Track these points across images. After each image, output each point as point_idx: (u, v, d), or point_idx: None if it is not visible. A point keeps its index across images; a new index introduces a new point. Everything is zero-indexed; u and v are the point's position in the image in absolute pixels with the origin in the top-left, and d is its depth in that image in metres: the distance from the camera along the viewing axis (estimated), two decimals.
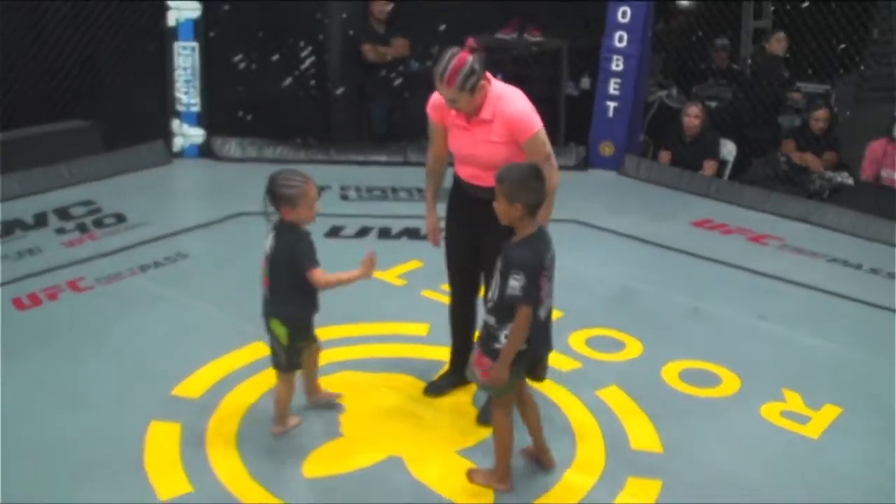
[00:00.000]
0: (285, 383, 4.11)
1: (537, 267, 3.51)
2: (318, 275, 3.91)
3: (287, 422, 4.15)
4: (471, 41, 3.92)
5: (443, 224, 4.40)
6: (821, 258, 6.81)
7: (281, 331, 3.97)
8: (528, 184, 3.50)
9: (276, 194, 3.87)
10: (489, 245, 3.94)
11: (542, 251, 3.56)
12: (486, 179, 3.86)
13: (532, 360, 3.74)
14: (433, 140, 4.30)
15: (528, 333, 3.54)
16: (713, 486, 3.94)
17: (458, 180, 4.24)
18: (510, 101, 3.97)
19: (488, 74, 3.96)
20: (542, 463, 3.99)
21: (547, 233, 3.67)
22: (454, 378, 4.56)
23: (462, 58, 3.84)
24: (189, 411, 4.26)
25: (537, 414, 3.94)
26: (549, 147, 4.01)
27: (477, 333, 3.94)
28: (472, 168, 4.09)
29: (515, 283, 3.45)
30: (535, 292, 3.51)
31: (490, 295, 3.69)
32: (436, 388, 4.56)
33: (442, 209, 4.38)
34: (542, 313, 3.62)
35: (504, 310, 3.55)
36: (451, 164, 4.27)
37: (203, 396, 4.40)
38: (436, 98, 4.12)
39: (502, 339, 3.57)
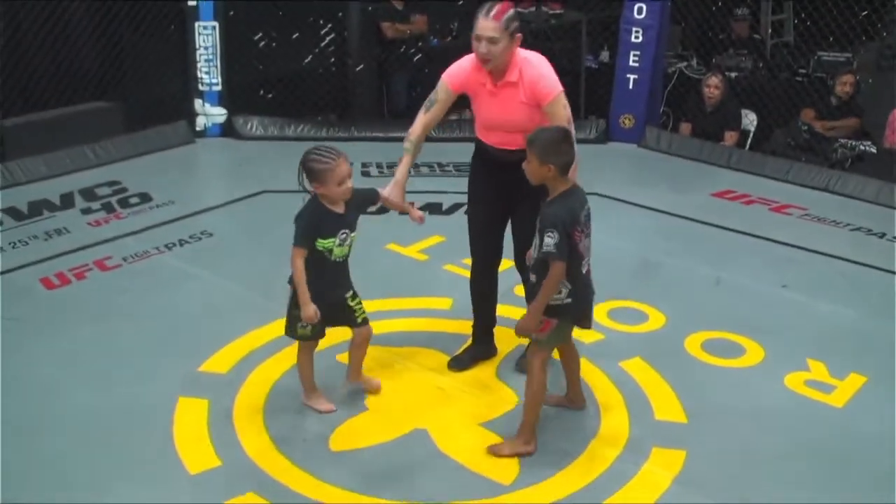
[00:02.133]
0: (299, 352, 4.18)
1: (570, 223, 3.65)
2: (294, 254, 3.96)
3: (313, 396, 4.21)
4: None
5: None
6: (843, 227, 6.79)
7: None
8: (559, 146, 3.67)
9: (306, 168, 3.92)
10: (522, 206, 4.12)
11: (576, 209, 3.70)
12: (515, 143, 4.04)
13: (577, 314, 3.88)
14: (435, 107, 4.31)
15: (561, 288, 3.70)
16: (737, 456, 3.96)
17: (484, 148, 4.29)
18: (534, 65, 4.08)
19: (519, 36, 4.06)
20: (573, 403, 4.20)
21: (581, 190, 3.80)
22: (477, 351, 4.62)
23: (508, 3, 4.03)
24: (216, 387, 4.32)
25: (578, 361, 4.17)
26: (569, 111, 4.11)
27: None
28: (501, 134, 4.16)
29: (549, 240, 3.61)
30: (568, 248, 3.64)
31: (532, 253, 3.81)
32: (459, 363, 4.60)
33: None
34: (583, 268, 3.78)
35: (543, 267, 3.69)
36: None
37: (230, 372, 4.46)
38: (458, 66, 4.23)
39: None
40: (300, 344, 4.15)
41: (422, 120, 4.36)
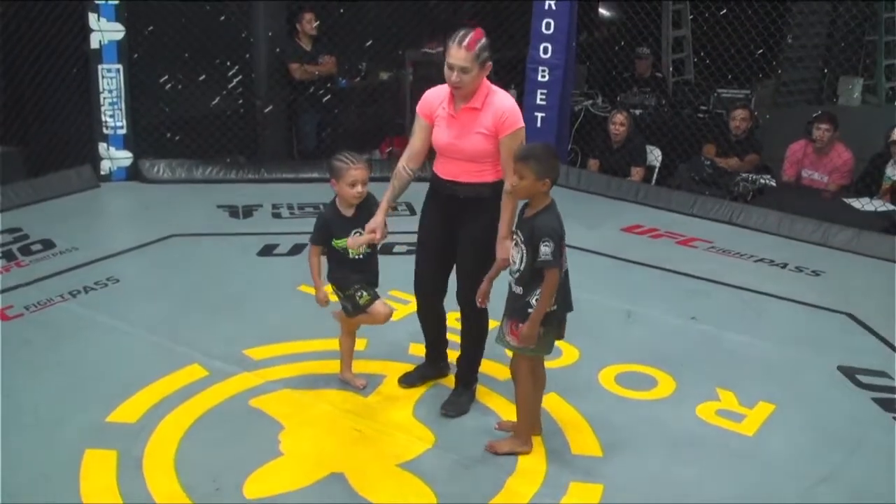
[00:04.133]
0: (343, 334, 4.68)
1: (562, 233, 3.82)
2: (311, 251, 4.50)
3: (348, 374, 4.70)
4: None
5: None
6: (747, 258, 6.97)
7: (330, 287, 4.50)
8: (552, 161, 3.86)
9: (329, 165, 4.38)
10: (466, 240, 4.27)
11: (561, 219, 3.87)
12: (467, 175, 4.17)
13: (561, 320, 4.01)
14: (414, 137, 4.40)
15: (555, 295, 3.85)
16: (654, 487, 4.00)
17: (436, 181, 4.36)
18: (501, 96, 4.22)
19: (489, 65, 4.16)
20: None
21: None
22: (427, 370, 4.77)
23: (480, 31, 4.09)
24: (125, 437, 4.19)
25: (543, 386, 4.26)
26: None
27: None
28: (453, 164, 4.24)
29: (546, 249, 3.75)
30: (561, 256, 3.81)
31: (515, 266, 3.92)
32: (408, 380, 4.71)
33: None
34: (561, 274, 3.89)
35: (532, 277, 3.82)
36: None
37: (139, 421, 4.33)
38: (428, 94, 4.35)
39: (535, 303, 3.85)
40: (342, 326, 4.64)
41: (406, 153, 4.45)
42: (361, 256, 4.42)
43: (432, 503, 3.80)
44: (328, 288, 4.52)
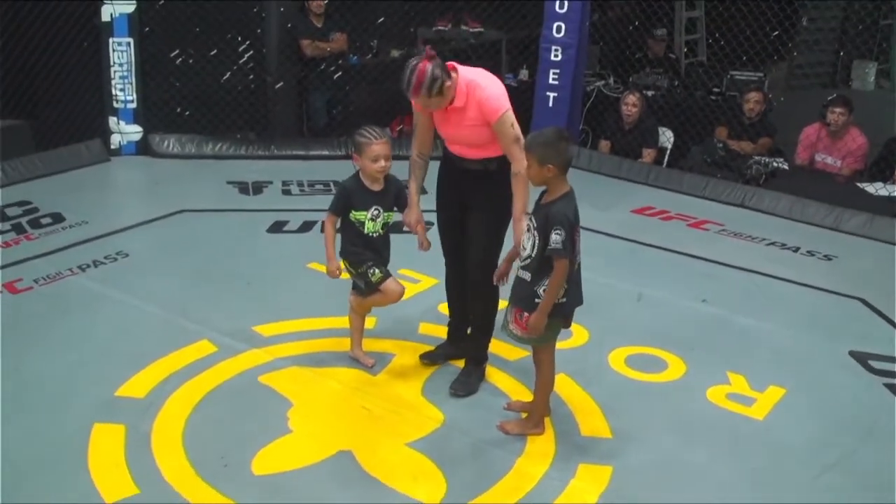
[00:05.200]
0: (353, 311, 4.67)
1: (575, 222, 3.77)
2: (327, 220, 4.48)
3: (358, 352, 4.70)
4: (429, 50, 4.11)
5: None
6: (759, 242, 6.93)
7: (343, 264, 4.47)
8: (555, 145, 3.76)
9: (353, 140, 4.38)
10: (475, 211, 4.30)
11: (576, 208, 3.82)
12: (473, 153, 4.24)
13: (569, 313, 3.98)
14: (417, 130, 4.47)
15: (565, 287, 3.81)
16: (662, 470, 3.99)
17: (447, 154, 4.42)
18: (480, 86, 4.16)
19: (453, 65, 4.16)
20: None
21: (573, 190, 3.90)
22: (449, 349, 4.75)
23: (422, 69, 4.00)
24: (133, 412, 4.19)
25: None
26: (517, 130, 4.18)
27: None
28: (459, 146, 4.30)
29: (557, 237, 3.70)
30: (573, 246, 3.76)
31: (525, 252, 3.88)
32: (431, 357, 4.73)
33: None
34: (574, 267, 3.85)
35: (541, 265, 3.78)
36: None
37: (147, 396, 4.33)
38: None
39: (541, 293, 3.80)
40: (355, 308, 4.62)
41: (414, 144, 4.51)
42: (376, 234, 4.42)
43: (440, 482, 3.80)
44: (341, 264, 4.50)
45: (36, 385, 4.42)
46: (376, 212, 4.38)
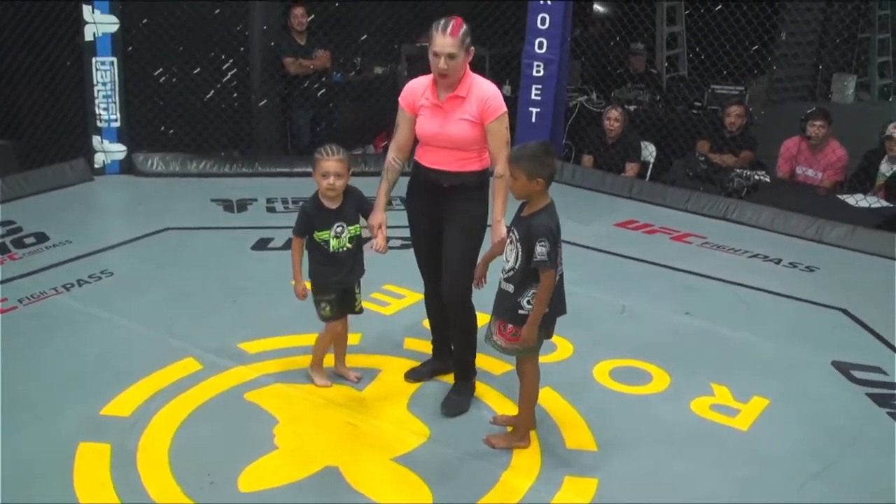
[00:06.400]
0: (322, 332, 4.60)
1: (557, 234, 3.80)
2: (293, 242, 4.47)
3: (317, 371, 4.67)
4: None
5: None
6: (741, 254, 6.98)
7: (309, 285, 4.48)
8: (542, 159, 3.80)
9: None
10: (449, 230, 4.27)
11: (558, 220, 3.83)
12: (451, 163, 4.18)
13: (551, 323, 4.00)
14: (399, 130, 4.43)
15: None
16: (648, 482, 4.00)
17: (419, 170, 4.35)
18: (484, 84, 4.25)
19: (473, 50, 4.22)
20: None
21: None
22: (436, 365, 4.75)
23: (461, 19, 4.15)
24: (119, 430, 4.18)
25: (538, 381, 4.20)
26: (509, 135, 4.23)
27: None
28: (437, 152, 4.24)
29: (542, 249, 3.72)
30: (556, 257, 3.79)
31: (508, 265, 3.89)
32: (415, 374, 4.73)
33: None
34: (556, 278, 3.86)
35: (525, 277, 3.80)
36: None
37: (133, 415, 4.32)
38: (410, 85, 4.38)
39: (525, 304, 3.83)
40: (325, 326, 4.56)
41: (392, 146, 4.48)
42: (343, 249, 4.38)
43: (427, 497, 3.80)
44: (307, 285, 4.51)
45: (21, 404, 4.40)
46: (340, 228, 4.35)
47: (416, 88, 4.33)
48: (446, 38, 4.07)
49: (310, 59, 8.77)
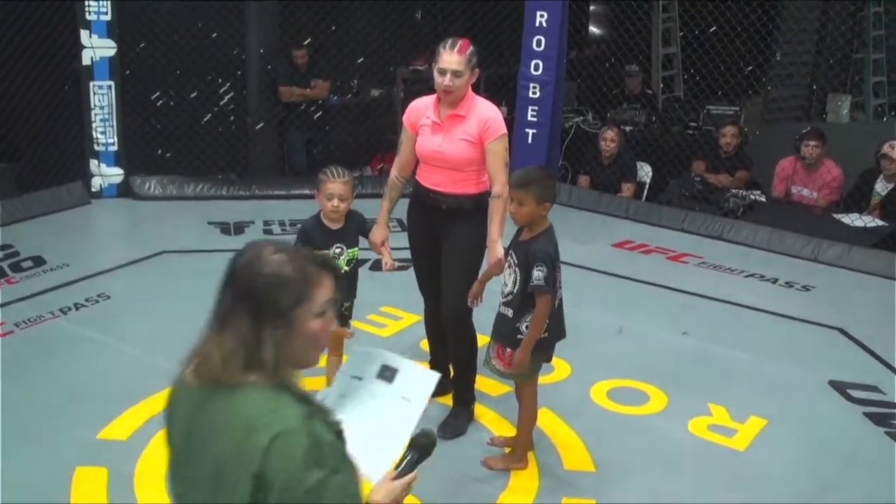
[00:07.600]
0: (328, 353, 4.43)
1: (556, 258, 3.79)
2: None
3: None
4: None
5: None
6: (738, 274, 6.99)
7: None
8: (550, 183, 3.85)
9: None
10: (448, 253, 4.28)
11: (556, 244, 3.84)
12: (449, 185, 4.20)
13: (549, 348, 4.01)
14: (402, 148, 4.47)
15: (547, 322, 3.81)
16: (646, 503, 4.00)
17: (419, 190, 4.38)
18: (484, 104, 4.29)
19: (477, 70, 4.25)
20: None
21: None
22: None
23: (468, 39, 4.21)
24: (116, 454, 4.18)
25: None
26: (508, 156, 4.26)
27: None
28: (436, 172, 4.26)
29: (539, 274, 3.72)
30: (554, 282, 3.78)
31: (507, 289, 3.90)
32: None
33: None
34: (555, 302, 3.86)
35: (523, 301, 3.80)
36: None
37: (130, 438, 4.32)
38: (414, 104, 4.41)
39: (524, 329, 3.83)
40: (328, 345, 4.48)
41: (395, 163, 4.52)
42: (341, 272, 4.36)
43: None
44: None
45: (17, 428, 4.39)
46: (339, 249, 4.35)
47: (419, 107, 4.36)
48: (453, 56, 4.12)
49: (306, 89, 8.79)
